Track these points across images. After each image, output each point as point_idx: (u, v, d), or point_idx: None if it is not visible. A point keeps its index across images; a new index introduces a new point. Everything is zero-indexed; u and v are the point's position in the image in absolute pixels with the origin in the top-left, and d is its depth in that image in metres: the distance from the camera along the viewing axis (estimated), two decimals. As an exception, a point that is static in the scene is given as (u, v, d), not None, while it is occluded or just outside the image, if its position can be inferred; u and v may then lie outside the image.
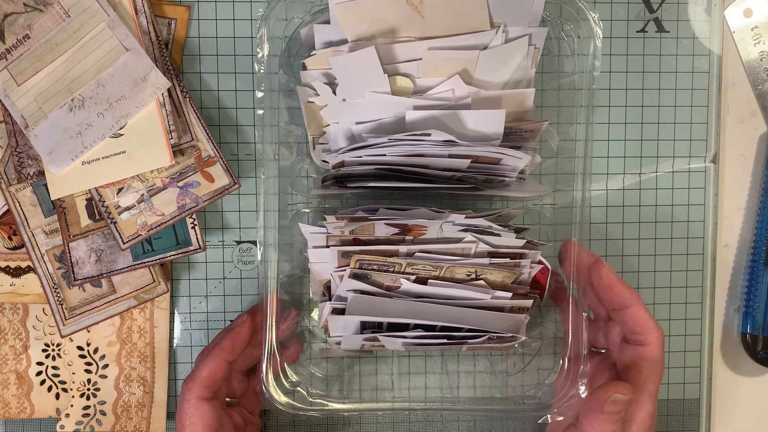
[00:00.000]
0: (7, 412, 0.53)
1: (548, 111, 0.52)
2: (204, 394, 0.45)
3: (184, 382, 0.46)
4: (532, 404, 0.50)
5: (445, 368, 0.54)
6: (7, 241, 0.51)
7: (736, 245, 0.56)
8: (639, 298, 0.45)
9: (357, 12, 0.45)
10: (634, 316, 0.45)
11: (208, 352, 0.46)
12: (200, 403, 0.45)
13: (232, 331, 0.47)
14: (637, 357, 0.45)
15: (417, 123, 0.46)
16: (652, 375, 0.45)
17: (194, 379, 0.45)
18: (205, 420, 0.45)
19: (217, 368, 0.45)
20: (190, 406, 0.45)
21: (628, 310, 0.45)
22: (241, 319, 0.48)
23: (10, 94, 0.47)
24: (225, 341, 0.46)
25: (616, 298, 0.45)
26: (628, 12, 0.53)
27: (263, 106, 0.47)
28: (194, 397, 0.45)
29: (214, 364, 0.45)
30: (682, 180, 0.55)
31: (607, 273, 0.45)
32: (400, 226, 0.46)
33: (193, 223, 0.50)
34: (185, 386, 0.45)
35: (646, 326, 0.45)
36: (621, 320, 0.46)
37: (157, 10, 0.50)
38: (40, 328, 0.53)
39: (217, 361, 0.46)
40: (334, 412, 0.48)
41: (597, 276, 0.46)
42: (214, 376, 0.45)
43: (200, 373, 0.45)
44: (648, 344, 0.45)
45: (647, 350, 0.45)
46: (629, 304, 0.45)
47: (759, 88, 0.55)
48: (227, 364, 0.46)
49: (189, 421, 0.45)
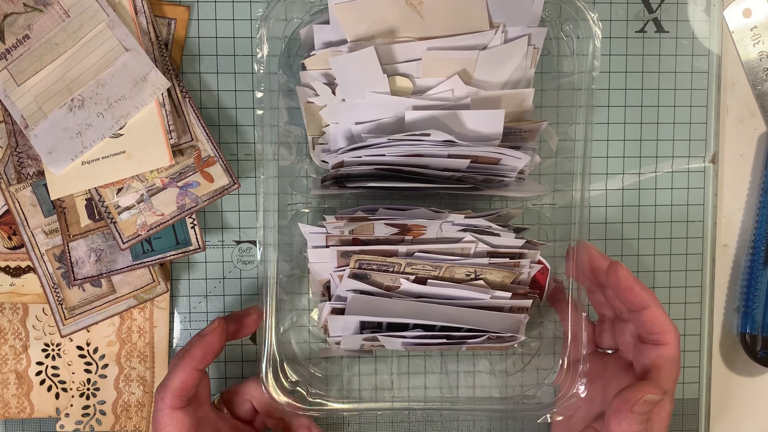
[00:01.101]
0: (6, 412, 0.53)
1: (547, 111, 0.52)
2: (177, 403, 0.45)
3: (156, 391, 0.46)
4: (532, 404, 0.50)
5: (445, 368, 0.54)
6: (7, 241, 0.51)
7: (736, 245, 0.56)
8: (656, 298, 0.45)
9: (356, 12, 0.45)
10: (652, 316, 0.45)
11: (177, 359, 0.46)
12: (174, 412, 0.45)
13: (203, 339, 0.46)
14: (656, 357, 0.45)
15: (416, 123, 0.46)
16: (671, 374, 0.45)
17: (166, 389, 0.45)
18: (180, 428, 0.45)
19: (188, 377, 0.45)
20: (164, 416, 0.45)
21: (646, 311, 0.45)
22: (212, 326, 0.47)
23: (10, 94, 0.47)
24: (195, 349, 0.46)
25: (635, 299, 0.45)
26: (627, 12, 0.53)
27: (263, 106, 0.47)
28: (167, 407, 0.45)
29: (185, 374, 0.45)
30: (681, 180, 0.55)
31: (625, 275, 0.45)
32: (399, 226, 0.46)
33: (192, 223, 0.50)
34: (158, 395, 0.45)
35: (664, 326, 0.45)
36: (638, 321, 0.46)
37: (157, 10, 0.50)
38: (39, 327, 0.53)
39: (187, 370, 0.45)
40: (334, 412, 0.48)
41: (615, 278, 0.45)
42: (186, 385, 0.45)
43: (171, 383, 0.45)
44: (666, 344, 0.45)
45: (666, 350, 0.45)
46: (648, 305, 0.45)
47: (758, 88, 0.55)
48: (199, 373, 0.46)
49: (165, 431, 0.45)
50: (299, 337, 0.53)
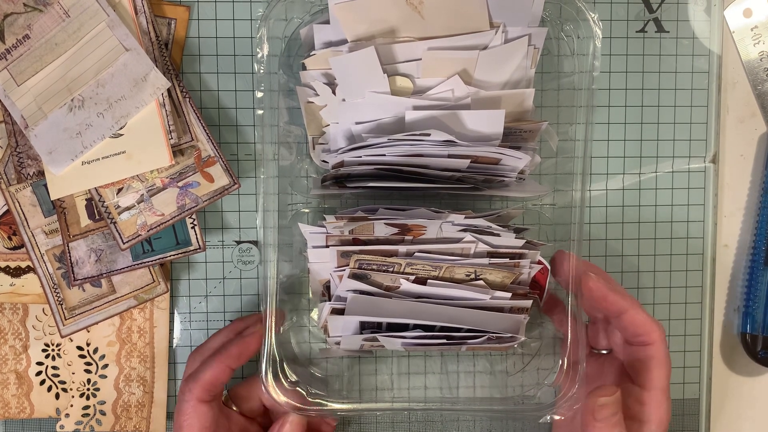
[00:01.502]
0: (6, 412, 0.53)
1: (548, 111, 0.52)
2: (204, 396, 0.45)
3: (184, 380, 0.46)
4: (532, 404, 0.50)
5: (445, 368, 0.54)
6: (7, 241, 0.51)
7: (736, 245, 0.56)
8: (633, 300, 0.46)
9: (357, 12, 0.45)
10: (632, 319, 0.45)
11: (214, 354, 0.46)
12: (199, 405, 0.45)
13: (243, 340, 0.47)
14: (643, 357, 0.46)
15: (416, 123, 0.46)
16: (661, 372, 0.45)
17: (196, 381, 0.45)
18: (203, 422, 0.45)
19: (220, 373, 0.46)
20: (189, 407, 0.45)
21: (625, 316, 0.45)
22: (253, 328, 0.47)
23: (10, 94, 0.47)
24: (234, 348, 0.46)
25: (611, 307, 0.45)
26: (627, 12, 0.53)
27: (263, 106, 0.47)
28: (194, 398, 0.45)
29: (219, 370, 0.46)
30: (681, 180, 0.55)
31: (596, 284, 0.45)
32: (399, 226, 0.46)
33: (192, 223, 0.50)
34: (185, 386, 0.45)
35: (646, 327, 0.45)
36: (620, 326, 0.46)
37: (157, 10, 0.50)
38: (39, 328, 0.53)
39: (221, 367, 0.46)
40: (334, 412, 0.48)
41: (587, 289, 0.46)
42: (216, 380, 0.46)
43: (203, 376, 0.45)
44: (651, 343, 0.45)
45: (652, 349, 0.45)
46: (625, 310, 0.45)
47: (759, 88, 0.55)
48: (231, 371, 0.46)
49: (187, 422, 0.45)
50: (299, 337, 0.53)
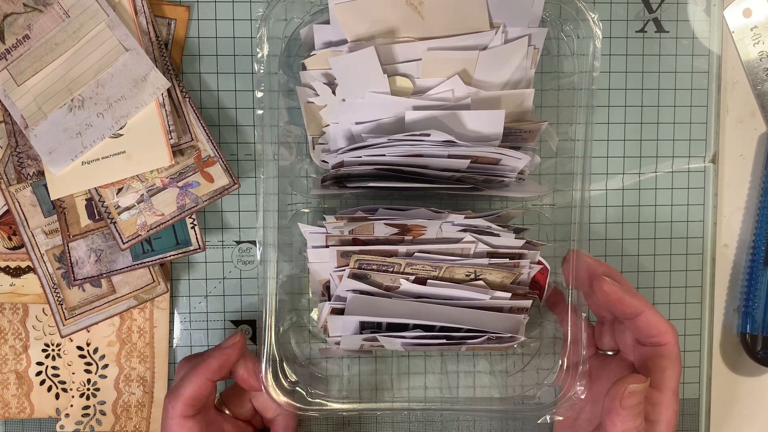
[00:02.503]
0: (7, 412, 0.53)
1: (548, 111, 0.52)
2: (187, 411, 0.45)
3: (166, 397, 0.46)
4: (532, 404, 0.50)
5: (445, 368, 0.54)
6: (7, 241, 0.51)
7: (736, 245, 0.56)
8: (647, 302, 0.45)
9: (357, 12, 0.45)
10: (647, 321, 0.45)
11: (193, 368, 0.46)
12: (184, 421, 0.45)
13: (222, 351, 0.47)
14: (656, 358, 0.45)
15: (416, 123, 0.46)
16: (674, 373, 0.45)
17: (178, 398, 0.45)
18: None
19: (202, 387, 0.45)
20: (174, 424, 0.45)
21: (640, 317, 0.45)
22: (233, 339, 0.47)
23: (10, 94, 0.47)
24: (214, 360, 0.46)
25: (627, 309, 0.45)
26: (627, 12, 0.53)
27: (263, 106, 0.47)
28: (177, 415, 0.45)
29: (199, 383, 0.45)
30: (681, 180, 0.55)
31: (611, 288, 0.45)
32: (399, 226, 0.46)
33: (192, 223, 0.50)
34: (168, 403, 0.45)
35: (660, 328, 0.45)
36: (634, 327, 0.46)
37: (157, 10, 0.50)
38: (39, 328, 0.53)
39: (202, 380, 0.45)
40: (334, 412, 0.48)
41: (602, 293, 0.45)
42: (199, 395, 0.45)
43: (184, 392, 0.45)
44: (665, 344, 0.45)
45: (665, 349, 0.45)
46: (641, 311, 0.45)
47: (758, 88, 0.55)
48: (213, 384, 0.46)
49: None
50: (299, 337, 0.53)
